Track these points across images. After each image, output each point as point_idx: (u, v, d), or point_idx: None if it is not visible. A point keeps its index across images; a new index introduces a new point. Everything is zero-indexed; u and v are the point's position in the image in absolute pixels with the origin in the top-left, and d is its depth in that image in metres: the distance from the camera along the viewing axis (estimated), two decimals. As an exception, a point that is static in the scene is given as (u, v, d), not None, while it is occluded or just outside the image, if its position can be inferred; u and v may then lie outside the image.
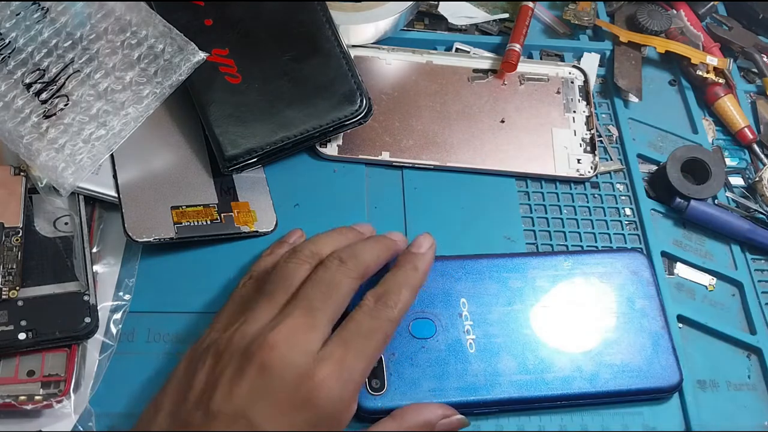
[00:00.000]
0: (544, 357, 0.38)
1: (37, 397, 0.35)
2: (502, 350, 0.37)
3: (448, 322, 0.38)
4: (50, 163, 0.39)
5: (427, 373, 0.36)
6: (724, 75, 0.53)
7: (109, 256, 0.41)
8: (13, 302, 0.37)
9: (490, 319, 0.38)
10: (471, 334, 0.38)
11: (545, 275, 0.40)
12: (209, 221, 0.42)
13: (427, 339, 0.37)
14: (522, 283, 0.40)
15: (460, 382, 0.36)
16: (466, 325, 0.38)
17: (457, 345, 0.37)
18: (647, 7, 0.55)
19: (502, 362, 0.37)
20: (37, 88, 0.41)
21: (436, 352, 0.37)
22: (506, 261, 0.41)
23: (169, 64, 0.41)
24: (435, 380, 0.36)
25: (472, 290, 0.39)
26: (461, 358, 0.37)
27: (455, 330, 0.38)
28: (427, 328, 0.38)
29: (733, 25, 0.56)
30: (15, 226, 0.39)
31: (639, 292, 0.41)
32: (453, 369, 0.37)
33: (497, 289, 0.39)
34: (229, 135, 0.43)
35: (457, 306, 0.39)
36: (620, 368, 0.38)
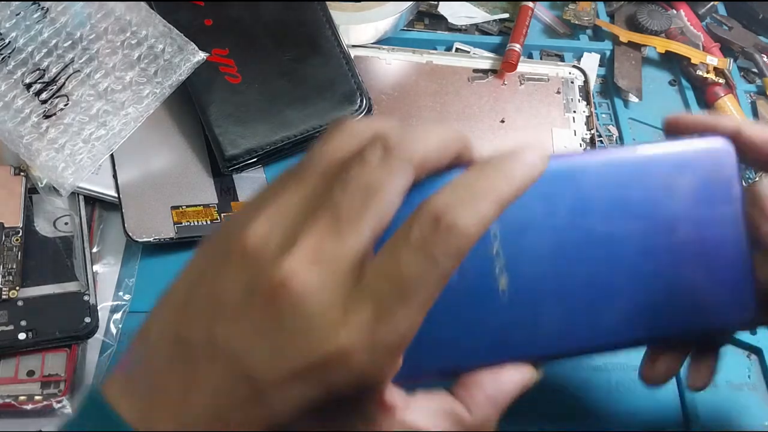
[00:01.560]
0: (596, 296, 0.29)
1: (37, 397, 0.35)
2: (544, 293, 0.28)
3: (474, 261, 0.27)
4: (50, 163, 0.39)
5: (447, 327, 0.27)
6: (724, 75, 0.53)
7: (109, 256, 0.41)
8: (13, 302, 0.37)
9: (529, 253, 0.28)
10: (504, 274, 0.28)
11: (601, 188, 0.30)
12: (209, 221, 0.42)
13: (450, 285, 0.26)
14: (569, 202, 0.29)
15: (490, 336, 0.28)
16: (497, 264, 0.28)
17: (486, 290, 0.28)
18: (647, 7, 0.55)
19: (543, 308, 0.28)
20: (37, 88, 0.41)
21: (458, 299, 0.27)
22: (551, 175, 0.28)
23: (169, 64, 0.41)
24: (458, 335, 0.28)
25: (506, 218, 0.27)
26: (491, 307, 0.28)
27: (483, 271, 0.28)
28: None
29: (733, 25, 0.56)
30: (15, 226, 0.39)
31: (717, 197, 0.30)
32: (479, 321, 0.28)
33: (536, 214, 0.29)
34: (229, 135, 0.43)
35: (486, 240, 0.28)
36: (689, 302, 0.30)
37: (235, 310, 0.21)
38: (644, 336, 0.30)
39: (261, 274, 0.21)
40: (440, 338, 0.26)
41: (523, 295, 0.28)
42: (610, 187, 0.29)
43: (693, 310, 0.30)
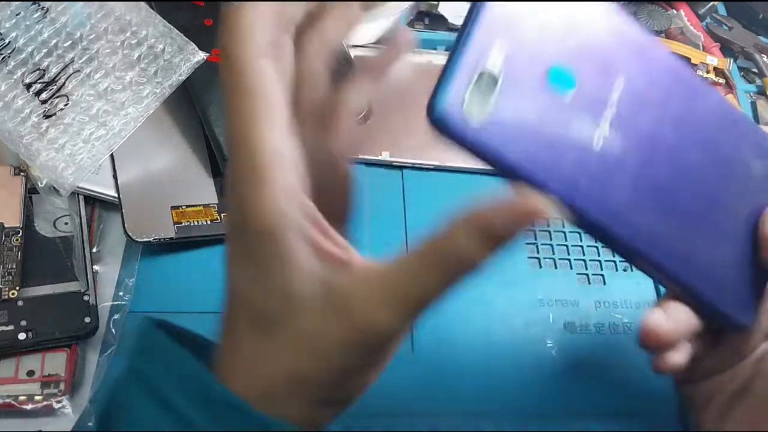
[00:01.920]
0: (664, 201, 0.28)
1: (37, 397, 0.35)
2: (625, 169, 0.27)
3: (590, 91, 0.26)
4: (50, 163, 0.39)
5: (539, 129, 0.25)
6: (724, 75, 0.53)
7: (109, 256, 0.41)
8: (13, 302, 0.37)
9: (639, 125, 0.27)
10: (605, 128, 0.26)
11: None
12: (209, 221, 0.42)
13: (558, 94, 0.26)
14: (682, 104, 0.28)
15: (566, 173, 0.26)
16: (607, 112, 0.26)
17: (583, 127, 0.26)
18: (647, 7, 0.55)
19: (619, 180, 0.27)
20: (37, 88, 0.41)
21: (560, 115, 0.25)
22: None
23: (169, 64, 0.41)
24: (545, 148, 0.25)
25: (637, 74, 0.27)
26: (582, 149, 0.26)
27: (591, 108, 0.26)
28: (566, 80, 0.26)
29: (733, 25, 0.56)
30: (15, 226, 0.39)
31: None
32: (564, 155, 0.26)
33: (665, 92, 0.28)
34: (229, 135, 0.43)
35: (609, 80, 0.27)
36: (718, 265, 0.31)
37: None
38: (672, 268, 0.29)
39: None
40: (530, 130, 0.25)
41: (610, 159, 0.26)
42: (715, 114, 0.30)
43: (716, 278, 0.30)
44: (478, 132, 0.24)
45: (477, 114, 0.24)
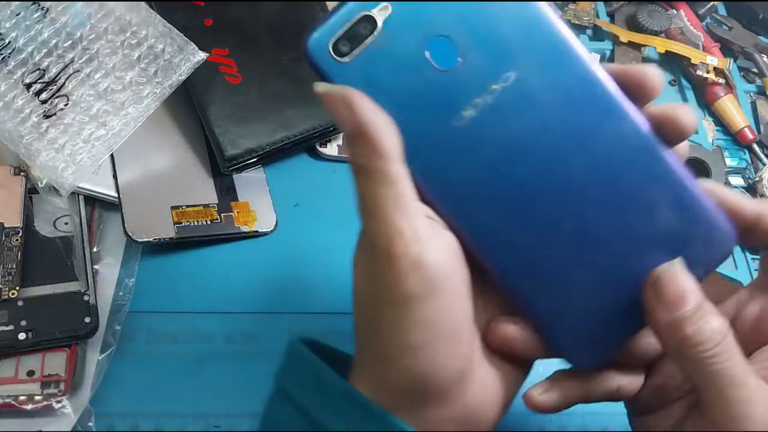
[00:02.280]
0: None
1: (37, 397, 0.35)
2: (489, 161, 0.27)
3: (472, 73, 0.26)
4: (50, 163, 0.39)
5: (399, 89, 0.26)
6: (724, 75, 0.53)
7: (109, 256, 0.41)
8: (13, 302, 0.37)
9: (516, 123, 0.26)
10: (471, 112, 0.26)
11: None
12: (209, 221, 0.42)
13: (434, 63, 0.26)
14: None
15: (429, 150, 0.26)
16: (481, 99, 0.26)
17: (448, 102, 0.26)
18: (647, 7, 0.55)
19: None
20: (37, 88, 0.41)
21: (428, 83, 0.26)
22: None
23: (169, 64, 0.41)
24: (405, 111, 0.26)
25: (536, 75, 0.26)
26: (437, 120, 0.26)
27: (465, 88, 0.26)
28: (448, 55, 0.26)
29: (733, 25, 0.56)
30: (15, 226, 0.39)
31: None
32: (421, 117, 0.26)
33: (565, 103, 0.27)
34: (229, 135, 0.43)
35: (497, 70, 0.26)
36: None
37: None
38: (504, 273, 0.28)
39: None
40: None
41: (464, 140, 0.26)
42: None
43: (557, 305, 0.28)
44: (340, 69, 0.25)
45: (345, 53, 0.26)
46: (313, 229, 0.43)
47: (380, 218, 0.25)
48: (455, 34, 0.26)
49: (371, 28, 0.26)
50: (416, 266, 0.24)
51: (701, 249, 0.27)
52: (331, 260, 0.42)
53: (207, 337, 0.39)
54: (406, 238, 0.24)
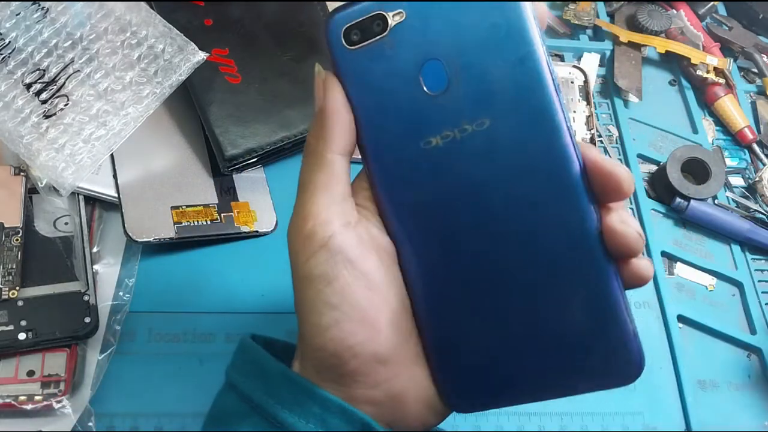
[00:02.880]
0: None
1: (37, 397, 0.35)
2: (437, 192, 0.27)
3: (452, 106, 0.27)
4: (50, 163, 0.39)
5: (387, 94, 0.27)
6: (724, 75, 0.53)
7: (109, 256, 0.41)
8: (13, 302, 0.36)
9: (473, 166, 0.27)
10: (439, 141, 0.27)
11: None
12: (209, 221, 0.42)
13: (422, 82, 0.27)
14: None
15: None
16: (453, 132, 0.27)
17: (423, 122, 0.27)
18: (647, 7, 0.55)
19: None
20: (37, 88, 0.41)
21: (411, 98, 0.27)
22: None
23: (169, 64, 0.41)
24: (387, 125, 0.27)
25: (506, 132, 0.26)
26: (407, 136, 0.27)
27: (443, 117, 0.27)
28: (438, 80, 0.27)
29: (733, 25, 0.56)
30: (15, 226, 0.39)
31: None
32: (395, 127, 0.27)
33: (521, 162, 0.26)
34: (229, 135, 0.43)
35: (476, 113, 0.27)
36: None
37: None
38: (418, 288, 0.28)
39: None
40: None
41: (424, 163, 0.27)
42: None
43: (454, 342, 0.28)
44: (343, 53, 0.27)
45: (353, 42, 0.27)
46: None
47: (305, 197, 0.27)
48: (452, 64, 0.27)
49: (382, 28, 0.27)
50: (323, 247, 0.26)
51: (599, 367, 0.27)
52: (331, 260, 0.42)
53: (207, 337, 0.39)
54: (318, 219, 0.26)
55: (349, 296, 0.26)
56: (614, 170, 0.25)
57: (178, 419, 0.36)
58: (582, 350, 0.27)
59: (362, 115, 0.27)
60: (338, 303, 0.26)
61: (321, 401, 0.26)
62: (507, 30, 0.26)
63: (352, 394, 0.27)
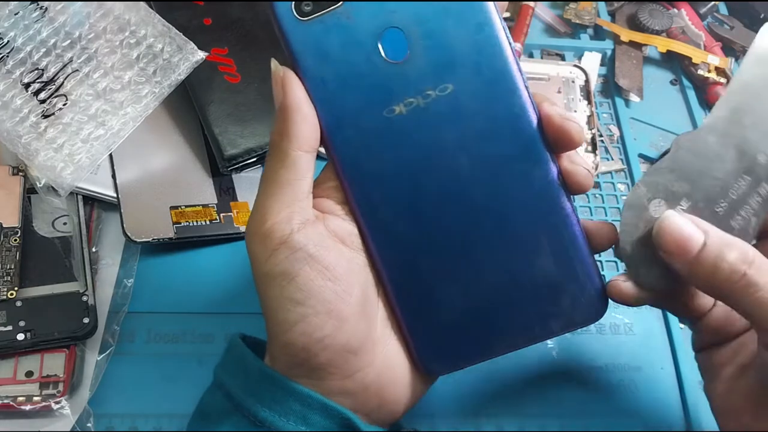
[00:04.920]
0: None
1: (36, 398, 0.35)
2: (401, 159, 0.27)
3: (413, 75, 0.27)
4: (49, 162, 0.39)
5: (343, 63, 0.27)
6: (726, 74, 0.53)
7: (108, 256, 0.41)
8: (11, 303, 0.36)
9: (435, 132, 0.27)
10: (403, 109, 0.27)
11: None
12: (208, 221, 0.41)
13: (381, 51, 0.27)
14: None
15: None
16: (416, 100, 0.27)
17: (383, 91, 0.27)
18: (648, 7, 0.55)
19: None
20: (35, 87, 0.40)
21: (369, 66, 0.27)
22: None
23: (168, 64, 0.41)
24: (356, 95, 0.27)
25: (469, 96, 0.27)
26: (368, 104, 0.27)
27: (404, 86, 0.27)
28: (399, 48, 0.27)
29: (734, 24, 0.56)
30: (13, 227, 0.39)
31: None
32: (355, 97, 0.27)
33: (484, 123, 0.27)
34: (228, 134, 0.43)
35: (437, 79, 0.27)
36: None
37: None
38: (384, 260, 0.28)
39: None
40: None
41: (388, 131, 0.27)
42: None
43: (426, 311, 0.28)
44: (295, 26, 0.27)
45: (306, 13, 0.27)
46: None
47: (265, 195, 0.27)
48: (411, 31, 0.27)
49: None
50: (282, 245, 0.26)
51: (567, 306, 0.28)
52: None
53: (206, 337, 0.39)
54: (278, 217, 0.26)
55: (313, 291, 0.26)
56: (565, 124, 0.27)
57: (177, 420, 0.36)
58: (551, 294, 0.28)
59: (319, 89, 0.27)
60: (303, 299, 0.26)
61: (300, 398, 0.26)
62: None
63: (327, 387, 0.27)
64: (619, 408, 0.39)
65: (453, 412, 0.37)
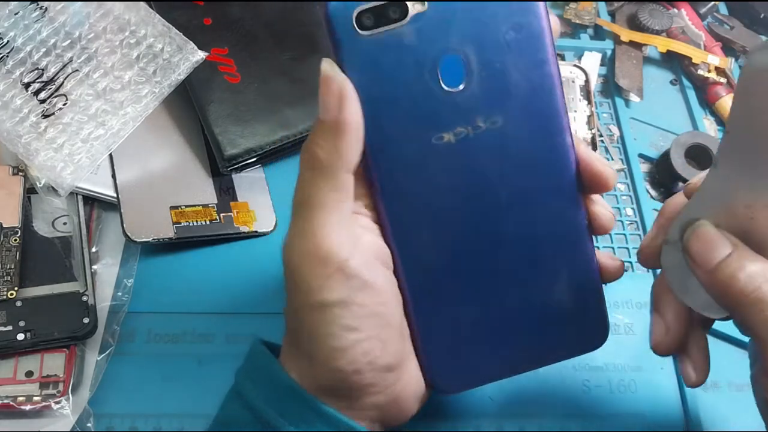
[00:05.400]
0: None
1: (36, 398, 0.35)
2: (439, 187, 0.27)
3: (467, 104, 0.26)
4: (49, 162, 0.39)
5: (399, 83, 0.26)
6: (726, 74, 0.53)
7: (108, 256, 0.41)
8: (11, 303, 0.36)
9: (479, 166, 0.27)
10: (451, 138, 0.27)
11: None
12: (208, 221, 0.41)
13: (438, 77, 0.26)
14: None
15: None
16: (465, 130, 0.27)
17: (433, 117, 0.26)
18: (648, 6, 0.55)
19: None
20: (35, 87, 0.40)
21: (423, 91, 0.26)
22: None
23: (168, 64, 0.41)
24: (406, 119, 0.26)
25: (516, 133, 0.27)
26: (418, 129, 0.26)
27: (456, 114, 0.26)
28: (455, 76, 0.26)
29: (734, 24, 0.56)
30: (13, 226, 0.39)
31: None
32: (404, 120, 0.26)
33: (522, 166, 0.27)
34: (228, 134, 0.43)
35: (489, 112, 0.27)
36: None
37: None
38: (409, 283, 0.29)
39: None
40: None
41: (431, 158, 0.27)
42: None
43: (444, 334, 0.29)
44: (353, 39, 0.25)
45: (366, 27, 0.25)
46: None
47: (314, 216, 0.25)
48: (471, 60, 0.26)
49: (400, 15, 0.25)
50: (338, 271, 0.25)
51: (576, 334, 0.30)
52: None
53: (206, 337, 0.39)
54: (333, 241, 0.25)
55: (367, 317, 0.26)
56: (604, 170, 0.28)
57: (177, 420, 0.36)
58: (563, 322, 0.29)
59: (369, 106, 0.26)
60: (358, 325, 0.25)
61: (329, 420, 0.26)
62: (528, 32, 0.26)
63: (361, 404, 0.27)
64: (619, 408, 0.39)
65: (452, 412, 0.37)
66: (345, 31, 0.25)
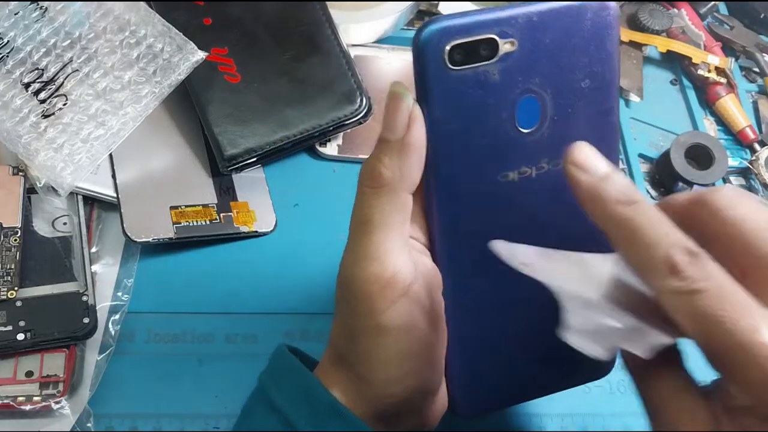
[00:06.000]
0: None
1: (36, 398, 0.35)
2: (499, 221, 0.27)
3: (536, 146, 0.27)
4: (49, 162, 0.39)
5: (478, 119, 0.26)
6: (726, 74, 0.53)
7: (108, 256, 0.41)
8: (11, 303, 0.36)
9: (535, 207, 0.27)
10: (515, 176, 0.27)
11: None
12: (208, 221, 0.41)
13: (515, 116, 0.26)
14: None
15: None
16: (530, 170, 0.27)
17: (505, 157, 0.26)
18: (648, 7, 0.55)
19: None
20: (35, 87, 0.40)
21: (500, 130, 0.26)
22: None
23: (168, 64, 0.41)
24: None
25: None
26: (488, 169, 0.26)
27: (524, 153, 0.27)
28: (531, 117, 0.26)
29: (734, 24, 0.56)
30: (13, 226, 0.39)
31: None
32: (477, 159, 0.26)
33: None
34: (228, 134, 0.43)
35: (554, 156, 0.27)
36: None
37: None
38: (453, 306, 0.28)
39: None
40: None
41: (496, 194, 0.27)
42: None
43: (480, 361, 0.29)
44: (440, 72, 0.25)
45: (455, 62, 0.25)
46: (312, 229, 0.43)
47: (381, 237, 0.25)
48: (548, 103, 0.26)
49: (490, 54, 0.25)
50: (403, 296, 0.24)
51: (590, 365, 0.29)
52: (330, 260, 0.42)
53: (206, 337, 0.39)
54: (398, 264, 0.24)
55: (426, 344, 0.26)
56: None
57: (177, 420, 0.36)
58: (582, 355, 0.29)
59: (443, 137, 0.26)
60: (418, 351, 0.25)
61: None
62: (600, 81, 0.26)
63: (399, 425, 0.27)
64: (619, 408, 0.39)
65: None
66: (435, 63, 0.25)
